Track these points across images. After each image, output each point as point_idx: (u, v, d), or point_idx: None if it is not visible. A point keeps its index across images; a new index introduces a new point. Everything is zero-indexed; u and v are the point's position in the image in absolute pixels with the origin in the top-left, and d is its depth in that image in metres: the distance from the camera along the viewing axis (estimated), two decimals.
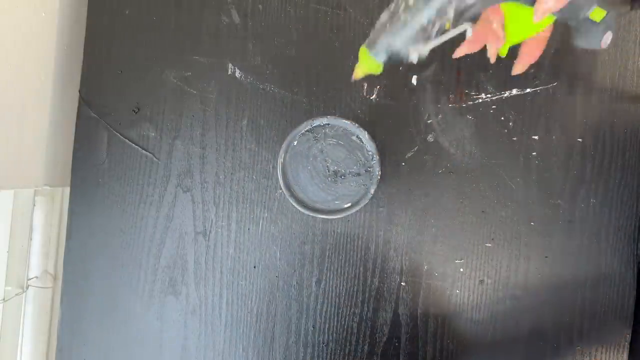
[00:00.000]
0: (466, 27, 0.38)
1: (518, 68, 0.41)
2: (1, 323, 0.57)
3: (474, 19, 0.36)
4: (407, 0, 0.32)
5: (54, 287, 0.63)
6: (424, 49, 0.35)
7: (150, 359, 0.56)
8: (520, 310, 0.54)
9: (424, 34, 0.34)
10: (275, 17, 0.55)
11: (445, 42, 0.35)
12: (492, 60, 0.40)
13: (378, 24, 0.35)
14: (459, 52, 0.40)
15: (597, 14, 0.36)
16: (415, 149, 0.54)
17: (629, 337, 0.54)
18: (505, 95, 0.54)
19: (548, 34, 0.40)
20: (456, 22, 0.33)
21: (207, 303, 0.56)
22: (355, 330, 0.55)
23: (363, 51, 0.36)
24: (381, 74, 0.53)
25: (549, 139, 0.54)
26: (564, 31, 0.39)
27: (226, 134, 0.55)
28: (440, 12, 0.32)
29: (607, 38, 0.37)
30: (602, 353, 0.54)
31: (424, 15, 0.32)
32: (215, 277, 0.55)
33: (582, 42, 0.38)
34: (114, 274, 0.56)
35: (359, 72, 0.37)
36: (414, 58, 0.35)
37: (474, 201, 0.54)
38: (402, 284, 0.55)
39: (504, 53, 0.38)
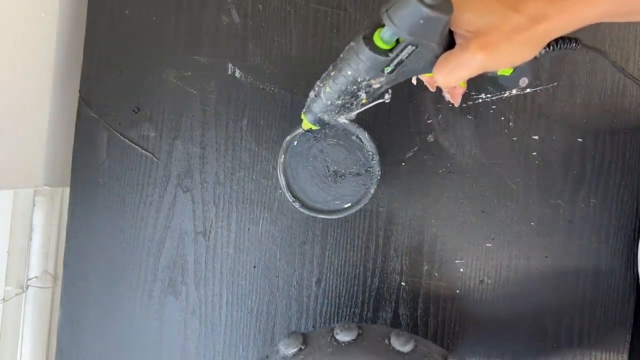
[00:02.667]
0: (383, 99, 0.44)
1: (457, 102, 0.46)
2: (1, 323, 0.57)
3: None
4: (325, 88, 0.37)
5: (54, 287, 0.63)
6: (350, 116, 0.40)
7: (150, 359, 0.56)
8: (520, 310, 0.54)
9: (346, 110, 0.39)
10: (275, 17, 0.55)
11: None
12: (456, 104, 0.45)
13: (309, 100, 0.40)
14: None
15: (505, 71, 0.39)
16: (415, 149, 0.54)
17: (629, 337, 0.54)
18: (505, 95, 0.54)
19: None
20: (371, 98, 0.38)
21: (207, 303, 0.55)
22: None
23: (303, 115, 0.41)
24: None
25: (549, 139, 0.54)
26: None
27: (226, 134, 0.55)
28: (354, 97, 0.37)
29: (523, 82, 0.40)
30: (602, 353, 0.54)
31: (340, 100, 0.37)
32: (215, 277, 0.55)
33: (503, 83, 0.41)
34: (114, 274, 0.56)
35: (303, 125, 0.43)
36: (343, 121, 0.40)
37: (474, 201, 0.54)
38: (402, 284, 0.55)
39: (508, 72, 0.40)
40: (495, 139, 0.54)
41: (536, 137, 0.54)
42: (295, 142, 0.52)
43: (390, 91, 0.47)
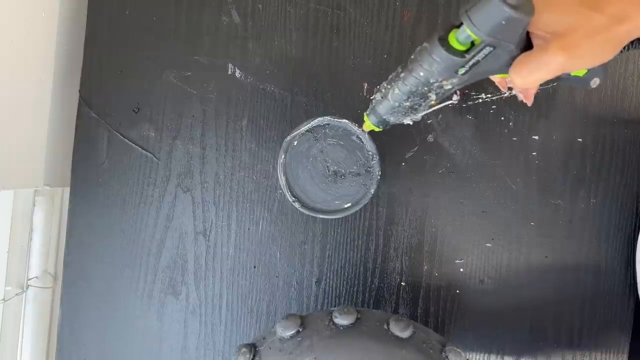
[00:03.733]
0: (451, 100, 0.44)
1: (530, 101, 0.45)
2: (1, 323, 0.57)
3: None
4: (394, 89, 0.36)
5: (54, 287, 0.63)
6: (415, 117, 0.39)
7: (150, 359, 0.56)
8: (520, 310, 0.54)
9: (413, 111, 0.38)
10: (275, 17, 0.55)
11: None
12: (529, 103, 0.44)
13: (374, 101, 0.39)
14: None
15: (578, 72, 0.38)
16: (415, 149, 0.54)
17: (629, 337, 0.54)
18: (505, 95, 0.54)
19: None
20: (440, 99, 0.37)
21: (207, 303, 0.56)
22: None
23: (365, 116, 0.41)
24: (381, 73, 0.54)
25: (549, 139, 0.54)
26: None
27: (226, 134, 0.55)
28: (423, 98, 0.36)
29: (595, 83, 0.39)
30: (602, 353, 0.54)
31: (409, 102, 0.36)
32: (215, 277, 0.55)
33: (573, 84, 0.40)
34: (114, 274, 0.56)
35: (365, 127, 0.42)
36: (408, 123, 0.40)
37: (474, 201, 0.54)
38: (402, 284, 0.55)
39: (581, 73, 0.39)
40: (495, 139, 0.54)
41: (536, 137, 0.54)
42: (295, 142, 0.52)
43: (458, 92, 0.45)
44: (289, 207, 0.55)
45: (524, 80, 0.33)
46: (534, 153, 0.54)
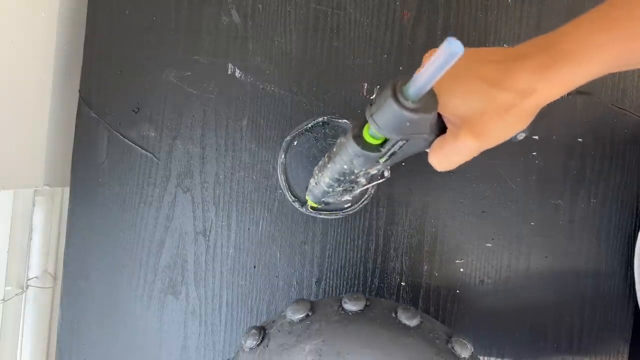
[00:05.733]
0: (384, 177, 0.48)
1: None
2: (1, 323, 0.57)
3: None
4: (324, 178, 0.38)
5: (54, 287, 0.63)
6: (354, 194, 0.43)
7: (150, 359, 0.56)
8: (521, 310, 0.54)
9: (348, 192, 0.41)
10: (275, 17, 0.55)
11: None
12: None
13: (310, 185, 0.43)
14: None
15: None
16: None
17: (629, 337, 0.54)
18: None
19: None
20: (370, 180, 0.40)
21: (207, 303, 0.55)
22: None
23: (307, 196, 0.45)
24: (381, 73, 0.54)
25: (549, 139, 0.54)
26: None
27: (226, 134, 0.55)
28: (354, 182, 0.38)
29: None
30: (602, 354, 0.54)
31: (341, 187, 0.39)
32: (215, 277, 0.55)
33: None
34: (114, 274, 0.56)
35: (309, 204, 0.46)
36: (347, 198, 0.44)
37: (474, 201, 0.54)
38: (402, 284, 0.55)
39: None
40: None
41: (536, 137, 0.54)
42: (295, 142, 0.52)
43: (389, 168, 0.48)
44: (289, 207, 0.55)
45: (442, 165, 0.32)
46: (534, 153, 0.54)
